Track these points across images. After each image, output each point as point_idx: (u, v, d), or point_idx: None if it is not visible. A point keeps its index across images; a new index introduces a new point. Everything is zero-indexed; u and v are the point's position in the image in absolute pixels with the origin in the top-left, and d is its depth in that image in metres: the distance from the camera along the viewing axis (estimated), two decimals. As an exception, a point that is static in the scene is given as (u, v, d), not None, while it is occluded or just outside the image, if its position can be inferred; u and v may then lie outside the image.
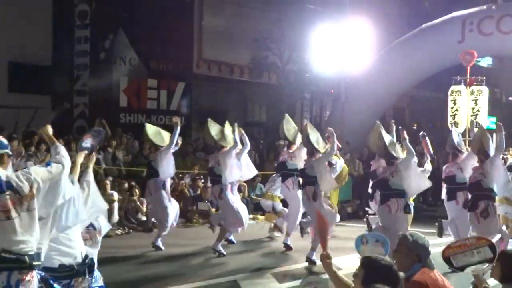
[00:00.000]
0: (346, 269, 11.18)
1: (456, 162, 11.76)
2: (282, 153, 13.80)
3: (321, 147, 12.12)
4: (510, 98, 37.13)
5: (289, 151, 13.44)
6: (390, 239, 5.71)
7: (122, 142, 18.66)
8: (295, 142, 13.32)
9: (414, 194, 12.22)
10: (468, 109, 18.45)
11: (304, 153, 12.66)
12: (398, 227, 10.28)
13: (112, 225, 13.80)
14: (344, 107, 21.83)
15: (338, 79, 23.00)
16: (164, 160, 12.64)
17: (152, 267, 11.36)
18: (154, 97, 22.96)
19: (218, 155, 12.68)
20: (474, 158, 11.20)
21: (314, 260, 11.51)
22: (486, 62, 30.52)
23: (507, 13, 19.94)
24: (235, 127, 12.78)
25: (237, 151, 12.63)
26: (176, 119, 13.13)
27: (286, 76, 26.04)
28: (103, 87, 21.77)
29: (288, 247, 13.08)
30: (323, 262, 5.23)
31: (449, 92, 18.80)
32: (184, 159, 18.61)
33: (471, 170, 11.12)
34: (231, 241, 13.29)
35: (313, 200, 11.92)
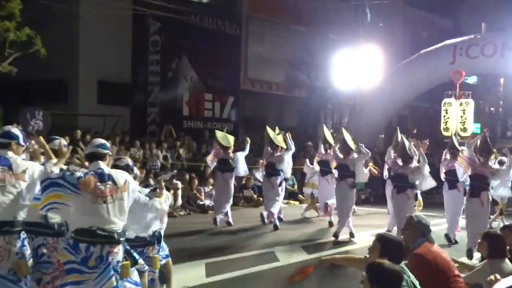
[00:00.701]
0: (360, 242, 11.23)
1: (456, 160, 11.54)
2: (322, 154, 13.48)
3: (354, 148, 12.03)
4: (491, 109, 36.73)
5: (327, 152, 13.24)
6: (402, 219, 5.88)
7: (184, 143, 18.73)
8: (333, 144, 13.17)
9: (424, 189, 12.30)
10: (458, 117, 18.35)
11: (337, 154, 12.45)
12: (408, 210, 10.26)
13: (177, 207, 13.96)
14: (359, 115, 21.67)
15: (354, 93, 22.83)
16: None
17: (207, 240, 11.39)
18: (210, 107, 22.97)
19: (282, 155, 12.82)
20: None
21: (338, 235, 11.56)
22: (472, 80, 30.04)
23: (489, 41, 19.65)
24: (288, 134, 12.99)
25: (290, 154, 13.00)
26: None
27: (312, 91, 25.99)
28: (170, 99, 21.84)
29: (330, 223, 13.17)
30: (322, 266, 5.23)
31: (442, 104, 18.68)
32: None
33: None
34: (280, 218, 13.31)
35: (351, 188, 11.89)
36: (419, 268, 4.83)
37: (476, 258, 7.93)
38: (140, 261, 5.76)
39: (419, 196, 13.27)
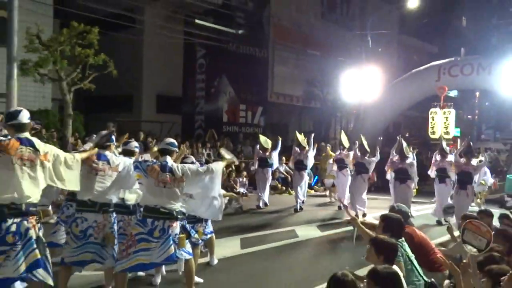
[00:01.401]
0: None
1: (445, 160, 11.74)
2: (340, 153, 13.36)
3: (368, 150, 12.22)
4: (469, 116, 36.51)
5: (343, 152, 13.20)
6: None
7: (224, 143, 18.78)
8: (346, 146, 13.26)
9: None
10: (442, 123, 18.17)
11: (351, 155, 12.65)
12: (409, 196, 11.09)
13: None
14: (362, 122, 21.51)
15: (358, 104, 22.64)
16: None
17: (241, 220, 11.41)
18: (244, 115, 23.04)
19: (307, 154, 13.07)
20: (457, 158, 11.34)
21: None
22: (453, 93, 29.54)
23: (467, 63, 19.36)
24: (311, 137, 13.18)
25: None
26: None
27: (325, 102, 25.92)
28: (213, 109, 21.96)
29: (344, 206, 13.11)
30: (353, 222, 5.16)
31: (429, 113, 18.61)
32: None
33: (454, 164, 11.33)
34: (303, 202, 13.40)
35: (367, 181, 12.22)
36: (408, 243, 4.87)
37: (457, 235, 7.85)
38: (196, 235, 5.85)
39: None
